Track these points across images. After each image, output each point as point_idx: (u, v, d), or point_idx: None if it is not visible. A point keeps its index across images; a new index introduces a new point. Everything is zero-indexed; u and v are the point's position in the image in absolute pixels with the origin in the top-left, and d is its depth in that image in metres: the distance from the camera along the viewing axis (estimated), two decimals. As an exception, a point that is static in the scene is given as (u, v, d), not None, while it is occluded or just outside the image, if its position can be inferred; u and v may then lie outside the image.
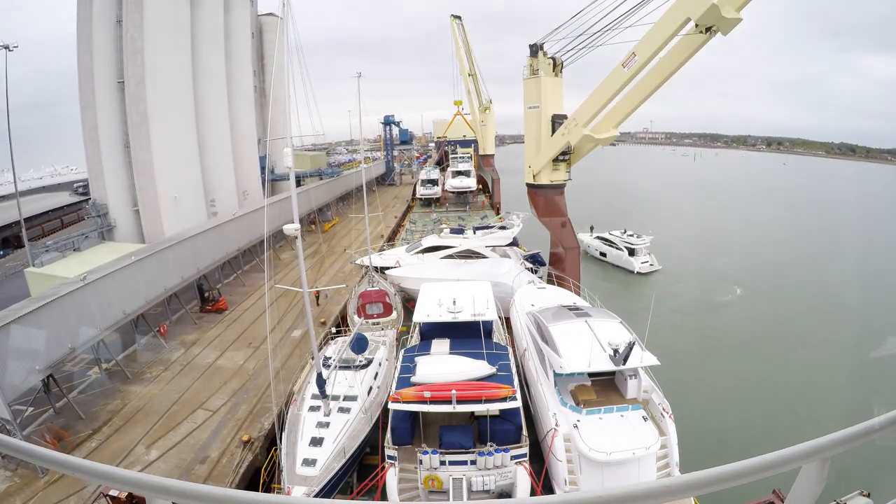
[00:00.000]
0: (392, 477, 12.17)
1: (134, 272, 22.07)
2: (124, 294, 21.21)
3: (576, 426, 12.32)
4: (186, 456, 15.29)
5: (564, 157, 27.19)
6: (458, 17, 63.16)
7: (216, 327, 25.07)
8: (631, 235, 45.89)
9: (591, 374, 14.39)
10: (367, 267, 25.57)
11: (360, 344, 16.34)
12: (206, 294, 27.52)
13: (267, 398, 17.38)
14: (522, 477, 12.01)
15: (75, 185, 59.13)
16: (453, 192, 55.49)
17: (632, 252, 44.24)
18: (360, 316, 21.03)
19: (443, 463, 12.16)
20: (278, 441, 13.78)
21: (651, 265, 44.02)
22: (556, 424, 12.61)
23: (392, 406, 12.75)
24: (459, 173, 56.85)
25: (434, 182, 57.77)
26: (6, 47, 28.30)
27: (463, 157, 62.12)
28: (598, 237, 48.36)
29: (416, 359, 14.65)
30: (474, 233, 29.61)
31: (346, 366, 15.78)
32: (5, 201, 44.05)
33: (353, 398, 14.75)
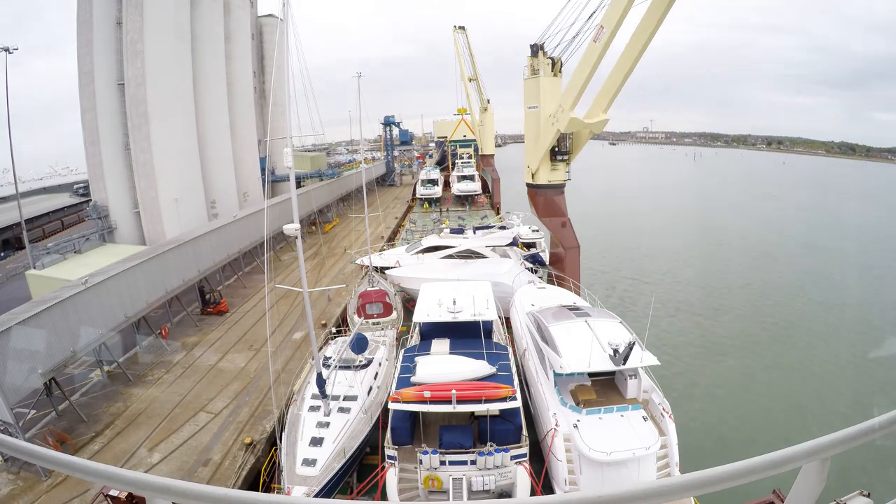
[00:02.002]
0: (392, 477, 12.16)
1: (135, 274, 22.05)
2: (126, 297, 21.20)
3: (576, 426, 12.31)
4: (189, 458, 15.27)
5: (563, 156, 27.17)
6: (463, 28, 63.82)
7: (217, 329, 25.04)
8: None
9: (591, 374, 14.39)
10: (367, 267, 25.58)
11: (360, 344, 16.33)
12: (208, 296, 27.50)
13: (269, 400, 17.39)
14: (522, 477, 12.00)
15: (75, 186, 59.12)
16: (459, 196, 55.84)
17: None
18: (360, 316, 21.03)
19: (443, 463, 12.15)
20: (278, 441, 13.77)
21: None
22: (556, 424, 12.60)
23: (392, 406, 12.74)
24: (464, 177, 57.28)
25: (434, 182, 57.96)
26: (6, 49, 28.31)
27: (467, 162, 62.64)
28: None
29: (416, 359, 14.65)
30: (474, 233, 29.62)
31: (346, 366, 15.77)
32: (5, 203, 44.00)
33: (353, 398, 14.74)
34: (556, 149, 26.83)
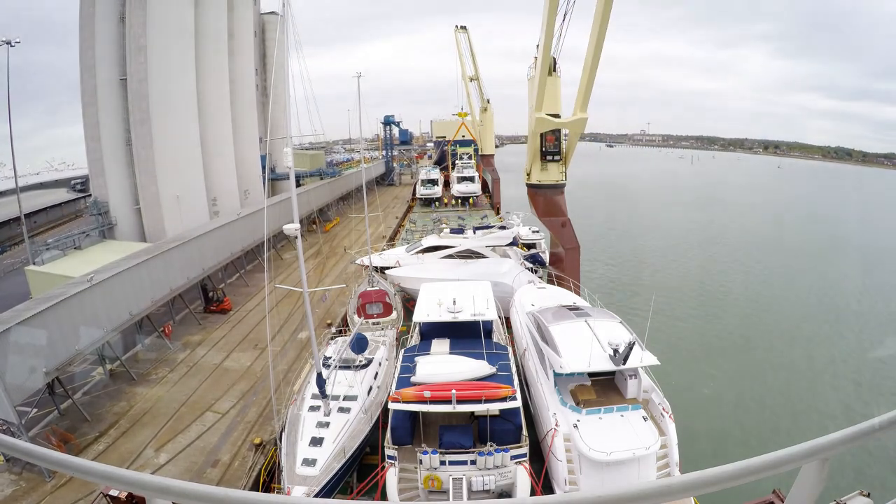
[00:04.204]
0: (392, 477, 12.17)
1: (140, 272, 22.04)
2: (130, 295, 21.19)
3: (576, 426, 12.32)
4: (197, 459, 15.24)
5: (552, 157, 27.20)
6: (464, 28, 64.31)
7: (221, 328, 25.02)
8: None
9: (591, 374, 14.39)
10: (367, 267, 25.57)
11: (360, 344, 16.32)
12: (211, 294, 27.49)
13: (276, 400, 17.38)
14: (522, 477, 12.01)
15: (72, 181, 58.99)
16: (459, 197, 55.88)
17: None
18: (360, 316, 21.02)
19: (443, 463, 12.16)
20: (278, 441, 13.76)
21: None
22: (556, 424, 12.61)
23: (392, 406, 12.75)
24: (464, 179, 57.14)
25: (434, 182, 57.94)
26: (8, 42, 28.30)
27: (467, 164, 62.66)
28: None
29: (416, 359, 14.65)
30: (474, 233, 29.59)
31: (346, 366, 15.76)
32: (2, 197, 43.82)
33: (353, 398, 14.73)
34: (544, 149, 26.91)
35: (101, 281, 19.45)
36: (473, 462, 12.14)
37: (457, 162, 66.08)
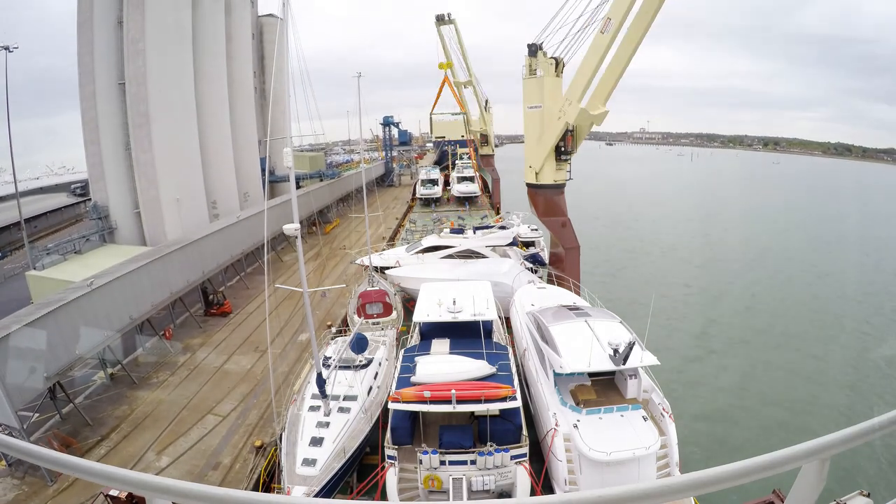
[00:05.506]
0: (392, 477, 12.18)
1: (140, 276, 22.05)
2: (131, 298, 21.19)
3: (576, 426, 12.31)
4: (198, 462, 15.24)
5: (566, 155, 27.11)
6: (448, 18, 56.79)
7: (222, 331, 25.00)
8: None
9: (591, 374, 14.39)
10: (367, 267, 25.58)
11: (360, 344, 16.33)
12: (211, 297, 27.46)
13: (277, 403, 17.39)
14: (522, 477, 12.02)
15: (73, 185, 58.97)
16: (458, 197, 55.87)
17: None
18: (360, 316, 21.04)
19: (443, 463, 12.16)
20: (278, 441, 13.76)
21: None
22: (556, 424, 12.61)
23: (392, 406, 12.76)
24: (464, 179, 57.15)
25: (434, 182, 57.97)
26: (6, 48, 28.31)
27: (467, 164, 62.73)
28: None
29: (416, 359, 14.66)
30: (474, 233, 29.59)
31: (346, 366, 15.77)
32: (2, 202, 43.76)
33: (353, 398, 14.75)
34: (562, 147, 26.67)
35: (101, 285, 19.45)
36: (473, 462, 12.14)
37: (457, 162, 66.16)
